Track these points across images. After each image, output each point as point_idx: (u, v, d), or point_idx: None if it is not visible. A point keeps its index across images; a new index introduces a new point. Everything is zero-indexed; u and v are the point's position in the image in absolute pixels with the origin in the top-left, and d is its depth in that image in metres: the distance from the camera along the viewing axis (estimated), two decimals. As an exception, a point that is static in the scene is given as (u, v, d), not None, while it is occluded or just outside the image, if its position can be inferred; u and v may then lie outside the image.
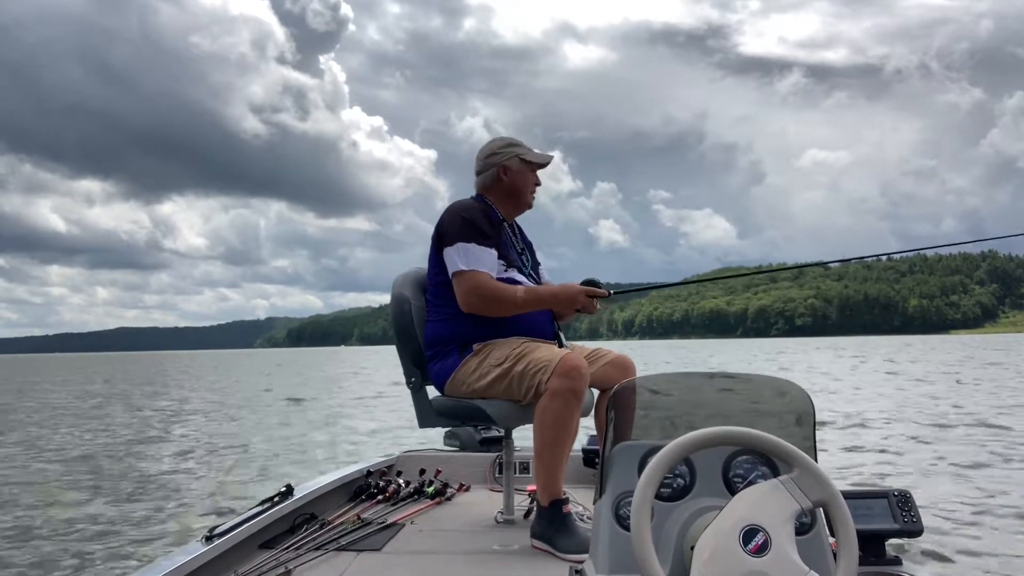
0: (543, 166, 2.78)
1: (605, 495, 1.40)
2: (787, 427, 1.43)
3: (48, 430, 12.35)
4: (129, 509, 5.87)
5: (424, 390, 2.74)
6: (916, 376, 19.94)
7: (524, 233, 2.89)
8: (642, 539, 1.11)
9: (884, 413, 11.12)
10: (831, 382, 18.47)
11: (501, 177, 2.70)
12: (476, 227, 2.54)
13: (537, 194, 2.78)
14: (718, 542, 1.10)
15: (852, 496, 1.72)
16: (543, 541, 2.35)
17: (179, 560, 1.93)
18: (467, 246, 2.51)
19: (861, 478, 6.26)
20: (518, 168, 2.71)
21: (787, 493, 1.16)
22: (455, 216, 2.59)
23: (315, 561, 2.24)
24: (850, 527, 1.15)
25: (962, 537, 4.32)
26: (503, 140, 2.78)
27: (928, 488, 5.67)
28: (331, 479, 3.02)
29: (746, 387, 1.54)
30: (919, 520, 1.78)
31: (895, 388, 16.16)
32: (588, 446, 3.28)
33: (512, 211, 2.78)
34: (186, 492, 6.54)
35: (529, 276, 2.70)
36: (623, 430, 1.46)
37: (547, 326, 2.65)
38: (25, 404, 19.22)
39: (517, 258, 2.70)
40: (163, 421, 13.42)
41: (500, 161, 2.70)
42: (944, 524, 4.59)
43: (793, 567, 1.09)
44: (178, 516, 5.56)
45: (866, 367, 23.07)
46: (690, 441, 1.18)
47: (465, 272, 2.50)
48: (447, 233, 2.57)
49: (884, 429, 9.39)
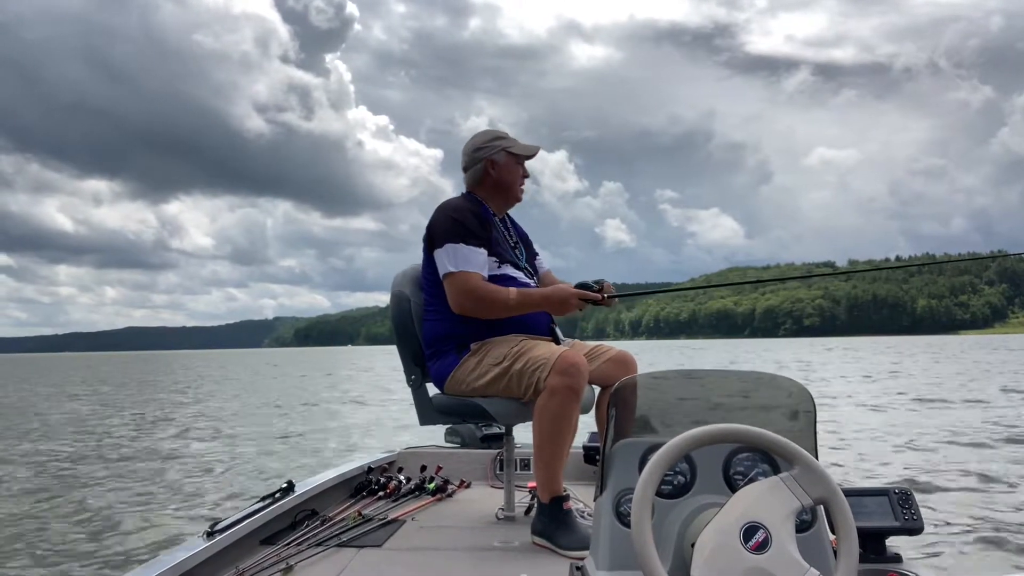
0: (529, 158, 2.75)
1: (606, 492, 1.40)
2: (787, 424, 1.43)
3: (52, 427, 12.37)
4: (130, 504, 5.88)
5: (424, 387, 2.74)
6: (919, 374, 19.93)
7: (518, 225, 2.87)
8: (643, 536, 1.11)
9: (885, 411, 11.12)
10: (833, 382, 18.47)
11: (489, 171, 2.68)
12: (465, 227, 2.53)
13: (526, 186, 2.75)
14: (719, 539, 1.11)
15: (853, 493, 1.72)
16: (544, 538, 2.35)
17: (180, 556, 1.94)
18: (456, 247, 2.50)
19: (862, 476, 6.27)
20: (505, 161, 2.69)
21: (788, 490, 1.16)
22: (444, 217, 2.58)
23: (316, 557, 2.25)
24: (851, 524, 1.15)
25: (963, 535, 4.32)
26: (488, 133, 2.75)
27: (929, 486, 5.67)
28: (332, 475, 3.02)
29: (747, 384, 1.54)
30: (920, 518, 1.78)
31: (898, 386, 16.15)
32: (589, 443, 3.28)
33: (502, 205, 2.76)
34: (186, 488, 6.55)
35: (524, 270, 2.69)
36: (624, 427, 1.46)
37: (544, 323, 2.65)
38: (35, 401, 19.26)
39: (511, 253, 2.68)
40: (165, 419, 13.44)
41: (487, 155, 2.68)
42: (945, 522, 4.59)
43: (794, 564, 1.09)
44: (179, 512, 5.57)
45: (871, 366, 23.02)
46: (691, 438, 1.18)
47: (455, 273, 2.49)
48: (436, 234, 2.56)
49: (885, 427, 9.39)
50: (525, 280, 2.65)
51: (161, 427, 11.83)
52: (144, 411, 15.06)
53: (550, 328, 2.66)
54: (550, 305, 2.55)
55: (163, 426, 11.99)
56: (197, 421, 12.65)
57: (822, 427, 8.31)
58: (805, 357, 31.60)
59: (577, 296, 2.51)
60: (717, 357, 36.63)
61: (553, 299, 2.53)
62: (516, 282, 2.60)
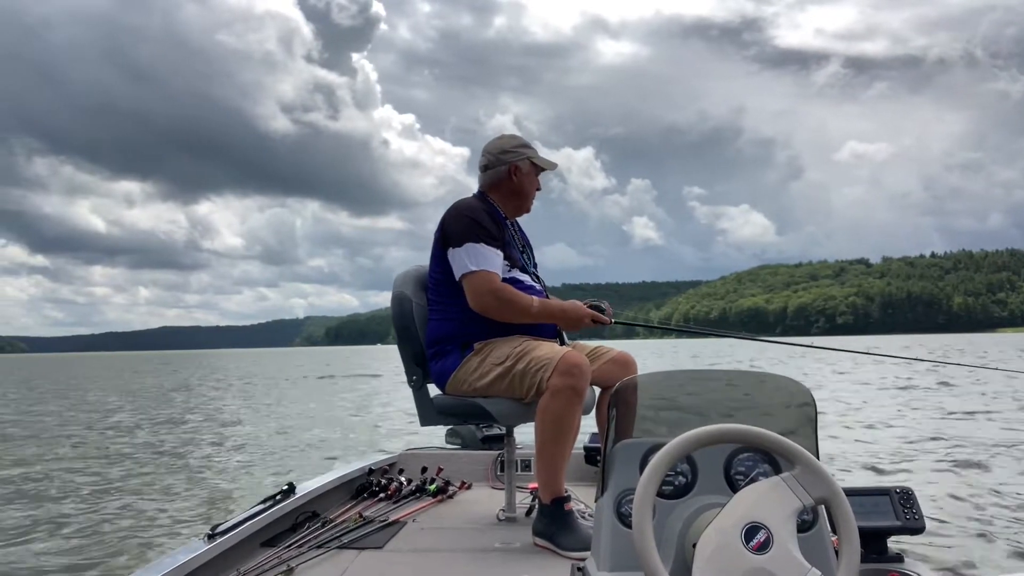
0: (545, 170, 2.79)
1: (607, 493, 1.40)
2: (789, 424, 1.43)
3: (70, 427, 12.37)
4: (131, 506, 5.88)
5: (425, 388, 2.74)
6: (931, 373, 19.78)
7: (524, 232, 2.89)
8: (644, 537, 1.11)
9: (887, 410, 11.12)
10: (836, 381, 18.47)
11: (512, 177, 2.69)
12: (483, 227, 2.54)
13: (537, 198, 2.80)
14: (720, 539, 1.11)
15: (854, 493, 1.72)
16: (545, 539, 2.35)
17: (181, 558, 1.94)
18: (476, 246, 2.51)
19: (863, 475, 6.26)
20: (528, 170, 2.71)
21: (789, 490, 1.16)
22: (461, 216, 2.58)
23: (317, 559, 2.25)
24: (852, 524, 1.15)
25: (964, 535, 4.31)
26: (515, 139, 2.77)
27: (930, 485, 5.66)
28: (333, 477, 3.02)
29: (748, 384, 1.54)
30: (921, 517, 1.78)
31: (903, 386, 16.14)
32: (590, 444, 3.29)
33: (513, 212, 2.78)
34: (188, 489, 6.55)
35: (532, 275, 2.71)
36: (625, 428, 1.46)
37: (548, 324, 2.65)
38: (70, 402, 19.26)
39: (520, 258, 2.69)
40: (172, 421, 13.44)
41: (513, 160, 2.69)
42: (946, 522, 4.59)
43: (795, 564, 1.09)
44: (180, 513, 5.57)
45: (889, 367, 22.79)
46: (692, 439, 1.18)
47: (477, 272, 2.49)
48: (453, 233, 2.56)
49: (885, 426, 9.39)
50: (532, 284, 2.67)
51: (166, 428, 11.83)
52: (158, 411, 15.06)
53: (556, 329, 2.66)
54: (566, 319, 2.59)
55: (168, 427, 11.98)
56: (205, 421, 12.65)
57: (825, 427, 8.32)
58: (826, 356, 31.29)
59: (590, 317, 2.56)
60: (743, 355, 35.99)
61: (570, 315, 2.57)
62: (524, 285, 2.62)
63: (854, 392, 14.76)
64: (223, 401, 17.93)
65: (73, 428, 12.37)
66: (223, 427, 11.89)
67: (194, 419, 13.38)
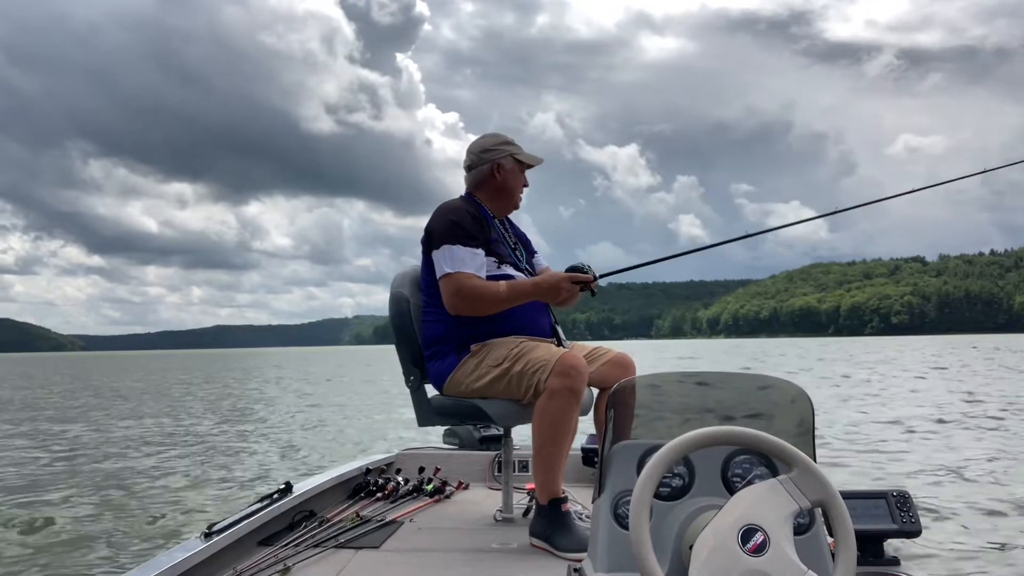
0: (531, 167, 2.78)
1: (604, 494, 1.40)
2: (786, 427, 1.43)
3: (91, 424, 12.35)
4: (128, 505, 5.87)
5: (423, 389, 2.74)
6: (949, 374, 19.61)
7: (516, 227, 2.89)
8: (641, 538, 1.11)
9: (888, 411, 11.12)
10: (839, 381, 18.47)
11: (494, 175, 2.69)
12: (462, 229, 2.54)
13: (524, 194, 2.78)
14: (717, 541, 1.11)
15: (851, 496, 1.72)
16: (542, 539, 2.35)
17: (178, 556, 1.93)
18: (452, 248, 2.51)
19: (860, 478, 6.26)
20: (511, 167, 2.71)
21: (786, 493, 1.16)
22: (441, 218, 2.59)
23: (314, 558, 2.25)
24: (849, 527, 1.15)
25: (961, 538, 4.32)
26: (497, 137, 2.77)
27: (927, 489, 5.66)
28: (330, 476, 3.02)
29: (746, 387, 1.54)
30: (918, 521, 1.78)
31: (926, 387, 16.10)
32: (587, 445, 3.28)
33: (501, 210, 2.77)
34: (186, 488, 6.54)
35: (524, 271, 2.69)
36: (622, 429, 1.46)
37: (546, 325, 2.65)
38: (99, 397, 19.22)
39: (511, 254, 2.69)
40: (179, 421, 13.42)
41: (495, 158, 2.69)
42: (943, 525, 4.59)
43: (791, 567, 1.09)
44: (177, 512, 5.56)
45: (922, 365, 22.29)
46: (689, 440, 1.18)
47: (451, 275, 2.50)
48: (434, 236, 2.57)
49: (885, 428, 9.39)
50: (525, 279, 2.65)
51: (167, 429, 11.82)
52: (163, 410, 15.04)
53: (552, 329, 2.66)
54: (541, 292, 2.52)
55: (169, 428, 11.97)
56: (209, 421, 12.64)
57: (825, 429, 8.31)
58: (863, 358, 30.50)
59: (567, 280, 2.48)
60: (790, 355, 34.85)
61: (543, 286, 2.51)
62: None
63: (868, 393, 14.75)
64: (241, 399, 17.92)
65: (78, 426, 12.35)
66: (230, 424, 11.88)
67: (207, 417, 13.36)
